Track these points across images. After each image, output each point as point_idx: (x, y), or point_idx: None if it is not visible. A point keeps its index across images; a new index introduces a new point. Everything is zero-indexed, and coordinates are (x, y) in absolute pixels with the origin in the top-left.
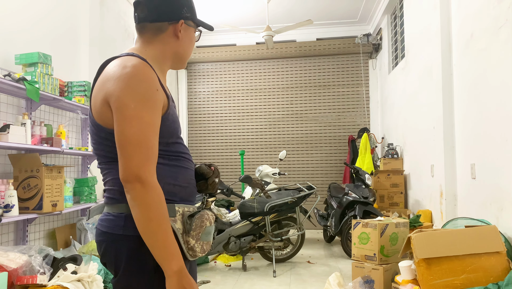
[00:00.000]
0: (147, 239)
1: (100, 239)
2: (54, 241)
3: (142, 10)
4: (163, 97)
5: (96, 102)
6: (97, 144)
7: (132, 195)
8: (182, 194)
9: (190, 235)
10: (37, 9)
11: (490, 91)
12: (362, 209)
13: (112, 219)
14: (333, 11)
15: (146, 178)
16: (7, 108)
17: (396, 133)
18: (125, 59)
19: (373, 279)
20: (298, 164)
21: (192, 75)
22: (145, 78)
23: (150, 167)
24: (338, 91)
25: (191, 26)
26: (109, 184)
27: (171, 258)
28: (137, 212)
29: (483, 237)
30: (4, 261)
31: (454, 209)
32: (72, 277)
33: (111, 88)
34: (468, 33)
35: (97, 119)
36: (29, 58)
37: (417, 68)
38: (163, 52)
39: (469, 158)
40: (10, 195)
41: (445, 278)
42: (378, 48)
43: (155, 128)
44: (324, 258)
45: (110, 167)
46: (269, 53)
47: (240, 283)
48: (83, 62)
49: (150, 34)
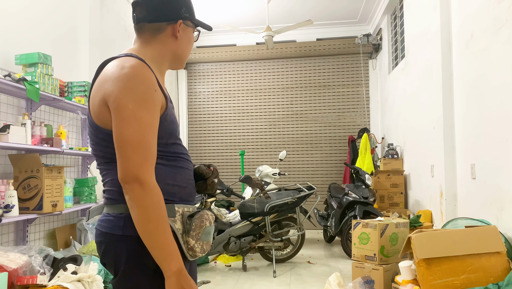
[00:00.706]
0: (146, 240)
1: (100, 240)
2: (54, 241)
3: (140, 10)
4: (161, 98)
5: (94, 103)
6: (95, 145)
7: (131, 195)
8: (182, 194)
9: (190, 235)
10: (37, 10)
11: (490, 91)
12: (362, 209)
13: (112, 219)
14: (333, 11)
15: (144, 178)
16: (7, 108)
17: (396, 133)
18: (123, 59)
19: (373, 279)
20: (298, 164)
21: (192, 76)
22: (143, 79)
23: (149, 168)
24: (338, 91)
25: (189, 26)
26: (108, 184)
27: (170, 259)
28: (136, 213)
29: (483, 237)
30: (4, 261)
31: (454, 209)
32: (72, 278)
33: (109, 89)
34: (468, 33)
35: (96, 120)
36: (29, 59)
37: (417, 69)
38: (161, 53)
39: (469, 158)
40: (10, 195)
41: (445, 278)
42: (378, 48)
43: (154, 129)
44: (324, 258)
45: (109, 167)
46: (269, 54)
47: (240, 283)
48: (83, 62)
49: (148, 35)
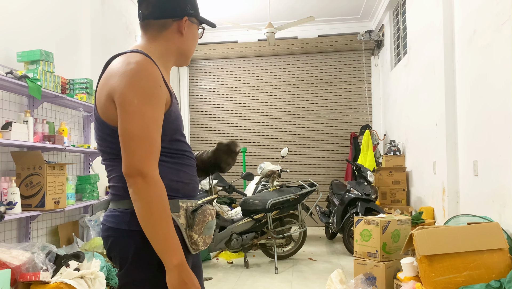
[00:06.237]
0: (148, 233)
1: (106, 234)
2: (57, 238)
3: (146, 7)
4: (166, 94)
5: (101, 98)
6: (101, 140)
7: (134, 189)
8: (185, 190)
9: (193, 230)
10: (39, 8)
11: (492, 88)
12: (364, 206)
13: (118, 215)
14: (335, 8)
15: (147, 172)
16: (9, 105)
17: (398, 130)
18: (129, 55)
19: (375, 276)
20: (300, 161)
21: (194, 72)
22: (148, 75)
23: (152, 162)
24: (340, 88)
25: (194, 23)
26: (113, 180)
27: (172, 252)
28: (139, 206)
29: (485, 234)
30: (7, 258)
31: (456, 206)
32: (74, 274)
33: (115, 85)
34: (471, 29)
35: (102, 116)
36: (31, 56)
37: (419, 65)
38: (167, 49)
39: (472, 155)
40: (13, 192)
41: (447, 275)
42: (380, 45)
43: (158, 124)
44: (326, 255)
45: (114, 164)
46: (271, 50)
47: (242, 280)
48: (85, 59)
49: (154, 31)
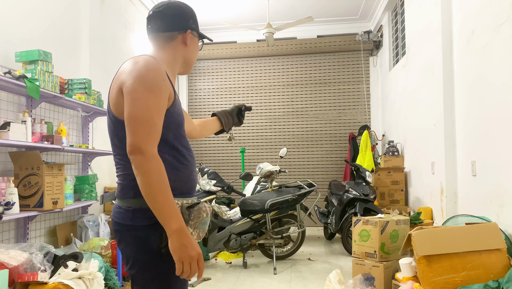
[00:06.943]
0: (149, 203)
1: (116, 228)
2: (55, 238)
3: (155, 22)
4: (169, 88)
5: (113, 93)
6: (113, 134)
7: (135, 165)
8: (183, 188)
9: (189, 224)
10: (38, 8)
11: (491, 88)
12: (362, 206)
13: (122, 212)
14: (334, 8)
15: (146, 149)
16: (7, 106)
17: (397, 130)
18: (137, 56)
19: (374, 276)
20: (298, 161)
21: (193, 73)
22: (153, 69)
23: (151, 140)
24: (338, 88)
25: (195, 36)
26: (120, 178)
27: (171, 218)
28: (140, 179)
29: (483, 234)
30: (5, 259)
31: (454, 206)
32: (73, 275)
33: (125, 79)
34: (469, 30)
35: (114, 111)
36: (29, 56)
37: (418, 66)
38: (174, 56)
39: (470, 155)
40: (11, 192)
41: (446, 275)
42: (379, 45)
43: (159, 110)
44: (325, 255)
45: (122, 162)
46: (270, 51)
47: (240, 280)
48: (83, 59)
49: (162, 42)
